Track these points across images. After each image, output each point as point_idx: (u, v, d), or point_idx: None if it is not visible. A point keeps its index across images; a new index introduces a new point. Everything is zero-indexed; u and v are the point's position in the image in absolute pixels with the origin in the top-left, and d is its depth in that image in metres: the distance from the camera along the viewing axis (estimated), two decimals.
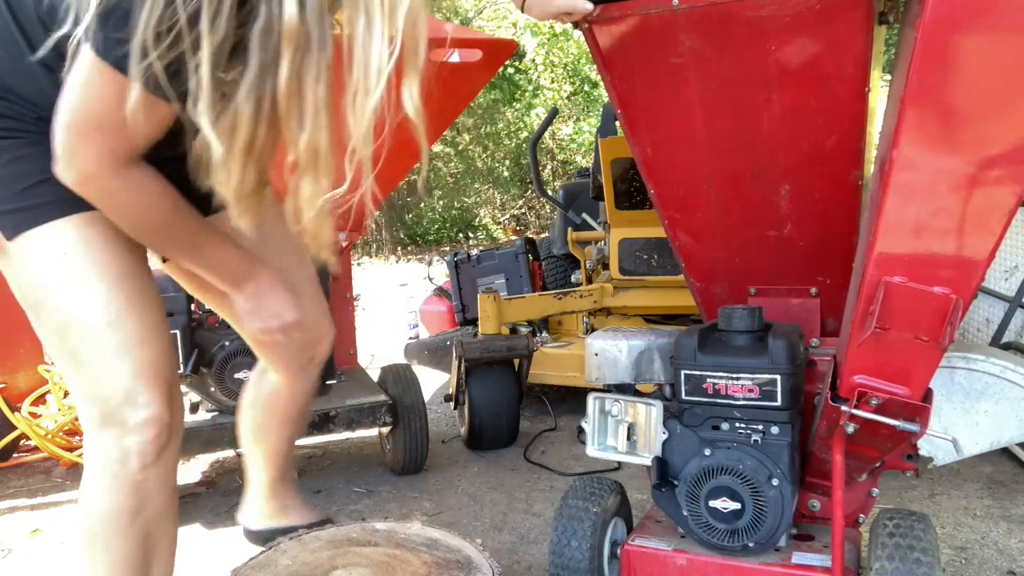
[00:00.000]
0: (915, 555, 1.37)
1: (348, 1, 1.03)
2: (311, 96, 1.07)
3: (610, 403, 1.68)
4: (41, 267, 1.26)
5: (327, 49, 1.05)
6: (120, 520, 1.31)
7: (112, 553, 1.32)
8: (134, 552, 1.33)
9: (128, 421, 1.27)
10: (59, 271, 1.26)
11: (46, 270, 1.26)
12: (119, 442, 1.28)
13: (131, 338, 1.28)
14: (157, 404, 1.29)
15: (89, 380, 1.28)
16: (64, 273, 1.26)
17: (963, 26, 1.10)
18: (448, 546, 1.82)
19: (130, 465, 1.28)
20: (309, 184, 1.12)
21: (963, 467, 2.71)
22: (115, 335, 1.26)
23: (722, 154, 1.63)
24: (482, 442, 3.18)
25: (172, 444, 1.34)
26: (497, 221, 14.69)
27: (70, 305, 1.26)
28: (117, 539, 1.32)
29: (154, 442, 1.29)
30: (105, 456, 1.29)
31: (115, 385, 1.26)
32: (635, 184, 3.68)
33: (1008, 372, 1.63)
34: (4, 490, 2.87)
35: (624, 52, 1.58)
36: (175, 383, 1.36)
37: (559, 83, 13.38)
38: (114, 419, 1.27)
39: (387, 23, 1.03)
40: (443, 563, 1.72)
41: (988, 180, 1.16)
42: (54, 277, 1.26)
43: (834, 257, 1.66)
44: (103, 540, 1.32)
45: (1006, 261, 2.96)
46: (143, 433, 1.28)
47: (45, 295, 1.27)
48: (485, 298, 3.37)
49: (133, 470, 1.29)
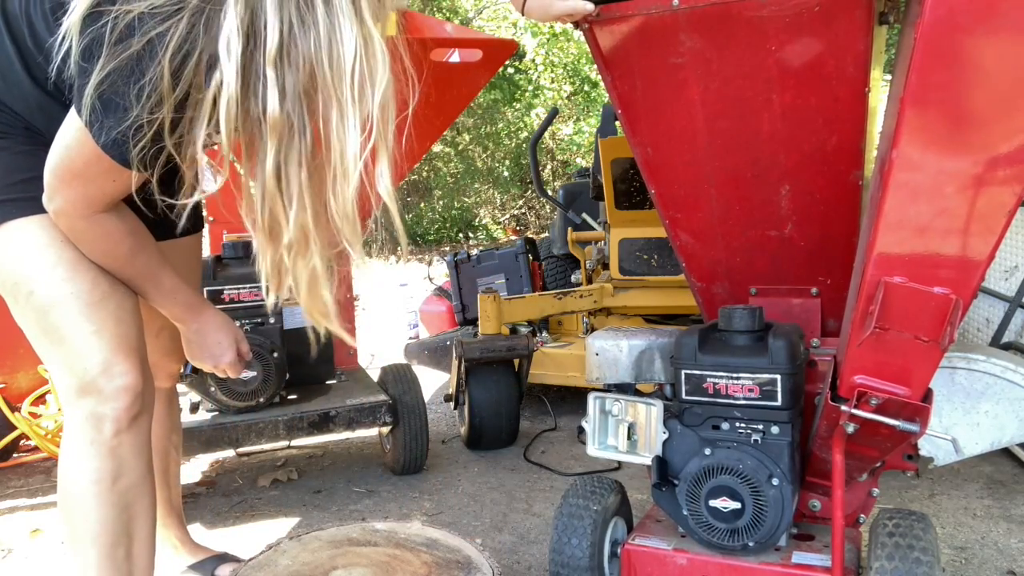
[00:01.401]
0: (915, 554, 1.38)
1: (321, 90, 1.10)
2: (295, 181, 1.14)
3: (610, 403, 1.68)
4: (28, 252, 1.35)
5: (307, 136, 1.13)
6: (99, 485, 1.38)
7: (92, 521, 1.38)
8: (115, 520, 1.40)
9: (105, 389, 1.36)
10: (49, 257, 1.35)
11: (34, 255, 1.35)
12: (95, 408, 1.36)
13: (111, 317, 1.39)
14: (133, 374, 1.39)
15: (70, 353, 1.37)
16: (55, 259, 1.35)
17: (963, 26, 1.10)
18: (448, 546, 1.82)
19: (105, 431, 1.37)
20: (303, 266, 1.20)
21: (963, 467, 2.71)
22: (97, 314, 1.37)
23: (722, 154, 1.63)
24: (482, 442, 3.18)
25: (145, 414, 1.43)
26: (497, 221, 14.69)
27: (57, 287, 1.35)
28: (97, 506, 1.38)
29: (128, 409, 1.39)
30: (83, 423, 1.37)
31: (94, 357, 1.36)
32: (635, 184, 3.68)
33: (1009, 372, 1.63)
34: (4, 490, 2.87)
35: (624, 52, 1.58)
36: (147, 360, 1.46)
37: (559, 83, 13.38)
38: (91, 388, 1.36)
39: (358, 110, 1.11)
40: (443, 563, 1.72)
41: (989, 180, 1.16)
42: (43, 262, 1.35)
43: (835, 257, 1.67)
44: (84, 508, 1.38)
45: (1006, 261, 2.96)
46: (119, 400, 1.37)
47: (29, 277, 1.36)
48: (485, 298, 3.37)
49: (108, 435, 1.37)
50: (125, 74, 1.13)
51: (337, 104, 1.10)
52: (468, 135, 14.55)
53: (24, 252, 1.36)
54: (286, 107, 1.09)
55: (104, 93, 1.14)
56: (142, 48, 1.12)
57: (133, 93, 1.13)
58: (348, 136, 1.11)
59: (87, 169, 1.23)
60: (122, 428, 1.38)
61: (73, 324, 1.36)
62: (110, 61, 1.13)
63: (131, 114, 1.14)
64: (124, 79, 1.13)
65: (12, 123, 1.36)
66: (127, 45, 1.12)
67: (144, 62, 1.12)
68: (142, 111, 1.14)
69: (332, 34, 1.08)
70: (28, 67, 1.32)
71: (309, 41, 1.08)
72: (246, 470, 3.02)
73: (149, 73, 1.12)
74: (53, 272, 1.35)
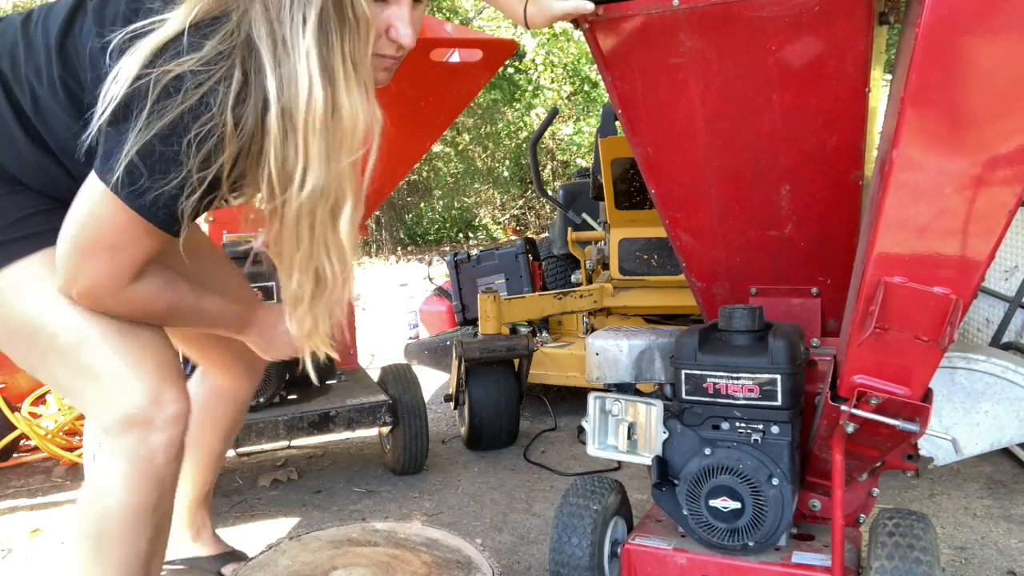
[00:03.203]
0: (915, 554, 1.38)
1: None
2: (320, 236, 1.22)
3: (611, 402, 1.68)
4: (40, 293, 1.26)
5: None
6: (141, 516, 1.32)
7: (125, 548, 1.33)
8: (148, 544, 1.35)
9: (156, 419, 1.29)
10: (57, 299, 1.26)
11: (48, 295, 1.26)
12: (147, 440, 1.28)
13: (147, 344, 1.32)
14: (182, 400, 1.33)
15: (109, 389, 1.28)
16: (64, 301, 1.26)
17: (963, 26, 1.10)
18: (448, 546, 1.82)
19: (157, 461, 1.30)
20: (339, 301, 1.29)
21: (963, 467, 2.71)
22: (132, 344, 1.30)
23: (723, 154, 1.63)
24: (482, 442, 3.18)
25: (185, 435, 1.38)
26: (497, 221, 14.69)
27: (83, 324, 1.27)
28: (134, 535, 1.32)
29: (181, 436, 1.33)
30: (132, 456, 1.29)
31: (140, 388, 1.28)
32: (635, 184, 3.67)
33: (1009, 372, 1.63)
34: (4, 490, 2.87)
35: (625, 52, 1.58)
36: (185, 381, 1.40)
37: (559, 83, 13.37)
38: (140, 420, 1.28)
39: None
40: (443, 563, 1.72)
41: (989, 180, 1.16)
42: (56, 300, 1.26)
43: (835, 257, 1.67)
44: (120, 537, 1.32)
45: (1006, 261, 2.96)
46: (172, 428, 1.31)
47: (46, 320, 1.27)
48: (485, 298, 3.37)
49: (160, 465, 1.30)
50: (176, 130, 1.10)
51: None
52: (468, 135, 14.55)
53: (36, 294, 1.27)
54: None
55: (146, 152, 1.10)
56: (197, 101, 1.10)
57: (184, 149, 1.10)
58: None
59: (119, 237, 1.17)
60: (171, 457, 1.32)
61: (108, 359, 1.28)
62: (155, 119, 1.09)
63: (182, 170, 1.11)
64: (174, 135, 1.10)
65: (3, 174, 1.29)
66: (175, 101, 1.09)
67: (200, 114, 1.10)
68: (195, 165, 1.11)
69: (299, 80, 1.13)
70: (26, 129, 1.26)
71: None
72: (246, 470, 3.02)
73: (207, 125, 1.10)
74: (74, 309, 1.27)
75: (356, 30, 1.15)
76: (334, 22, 1.13)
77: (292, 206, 1.18)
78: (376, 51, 1.23)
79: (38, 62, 1.23)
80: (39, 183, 1.30)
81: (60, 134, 1.25)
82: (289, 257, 1.24)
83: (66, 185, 1.26)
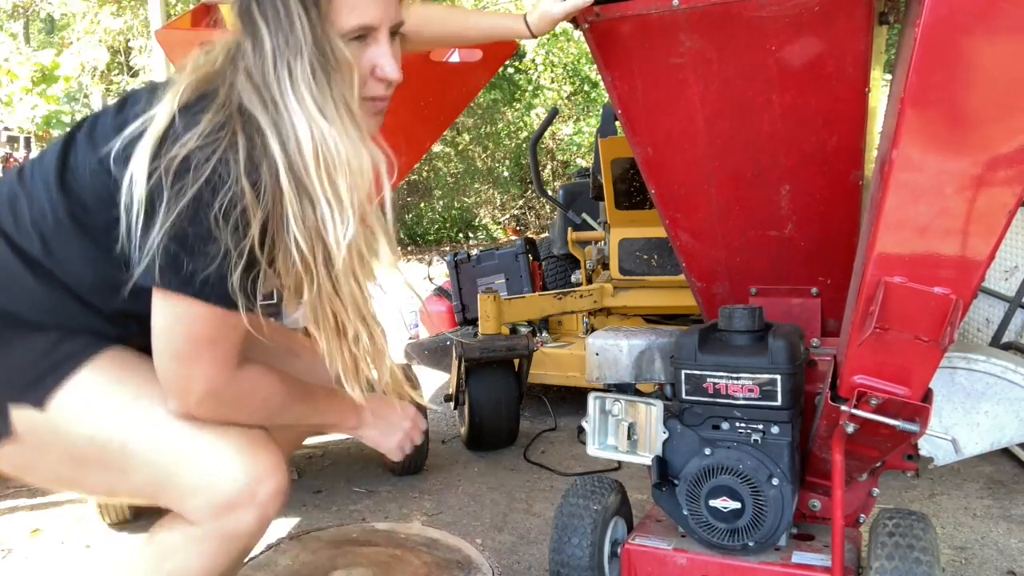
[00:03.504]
0: (915, 554, 1.38)
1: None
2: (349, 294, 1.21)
3: (611, 402, 1.68)
4: (94, 405, 1.22)
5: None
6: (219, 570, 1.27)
7: None
8: None
9: (259, 495, 1.23)
10: (122, 394, 1.23)
11: (103, 403, 1.22)
12: (246, 516, 1.23)
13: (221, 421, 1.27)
14: (282, 468, 1.27)
15: (200, 476, 1.22)
16: (131, 392, 1.23)
17: (963, 26, 1.10)
18: (448, 546, 1.83)
19: (256, 532, 1.26)
20: (377, 348, 1.27)
21: (963, 467, 2.71)
22: (210, 426, 1.23)
23: (722, 154, 1.63)
24: (482, 442, 3.18)
25: None
26: (497, 221, 14.68)
27: (152, 418, 1.22)
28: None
29: (282, 506, 1.27)
30: (230, 532, 1.23)
31: (237, 470, 1.22)
32: (635, 184, 3.67)
33: (1009, 372, 1.63)
34: (4, 490, 2.87)
35: (624, 52, 1.58)
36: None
37: (559, 83, 13.36)
38: (241, 500, 1.22)
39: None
40: (443, 563, 1.72)
41: (989, 180, 1.16)
42: (118, 403, 1.22)
43: (835, 257, 1.67)
44: None
45: (1006, 261, 2.96)
46: (275, 501, 1.25)
47: (112, 435, 1.21)
48: (485, 298, 3.37)
49: (255, 534, 1.26)
50: (200, 207, 1.09)
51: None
52: (468, 135, 14.54)
53: (93, 409, 1.20)
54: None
55: (180, 238, 1.09)
56: (211, 173, 1.08)
57: (213, 224, 1.09)
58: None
59: (204, 330, 1.15)
60: (262, 531, 1.26)
61: (191, 444, 1.21)
62: (177, 205, 1.08)
63: (220, 245, 1.09)
64: (200, 213, 1.09)
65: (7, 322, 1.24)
66: (190, 180, 1.08)
67: (218, 187, 1.09)
68: (228, 238, 1.10)
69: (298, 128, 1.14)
70: (38, 274, 1.22)
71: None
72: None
73: (227, 195, 1.09)
74: (136, 404, 1.21)
75: (342, 75, 1.17)
76: (320, 71, 1.15)
77: (335, 263, 1.17)
78: (365, 95, 1.23)
79: (42, 206, 1.22)
80: (57, 319, 1.26)
81: (76, 266, 1.23)
82: (336, 316, 1.22)
83: (83, 318, 1.25)
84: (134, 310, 1.20)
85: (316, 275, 1.18)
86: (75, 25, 11.41)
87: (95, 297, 1.24)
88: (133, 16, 11.26)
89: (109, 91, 11.24)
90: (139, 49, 11.38)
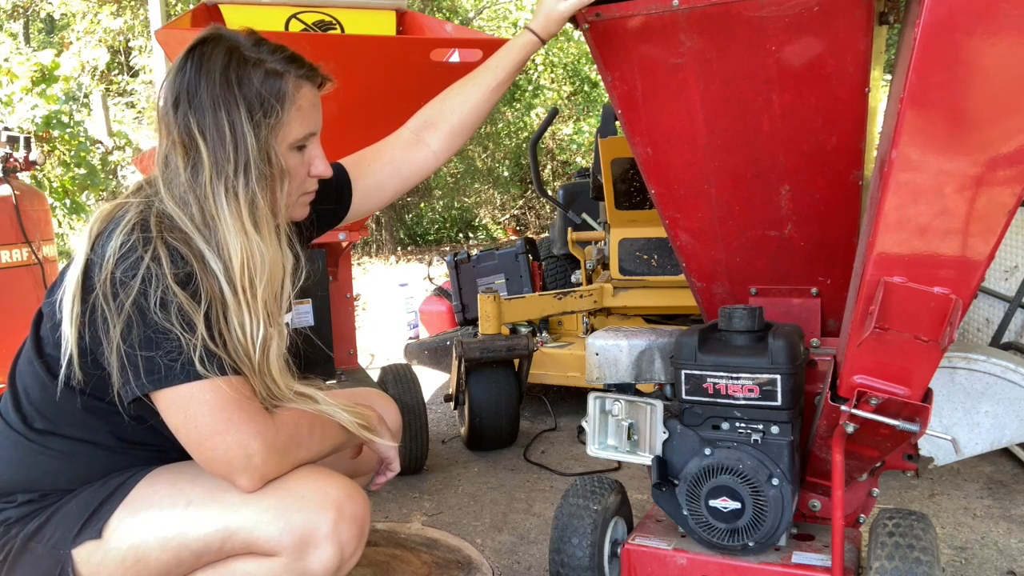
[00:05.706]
0: (915, 554, 1.38)
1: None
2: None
3: (611, 403, 1.68)
4: (152, 516, 1.24)
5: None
6: None
7: None
8: None
9: (342, 532, 1.25)
10: (176, 501, 1.25)
11: (158, 514, 1.24)
12: (328, 548, 1.24)
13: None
14: (361, 495, 1.29)
15: (270, 521, 1.22)
16: (184, 498, 1.25)
17: (963, 26, 1.10)
18: (448, 546, 1.83)
19: (339, 559, 1.27)
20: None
21: (963, 467, 2.71)
22: (272, 492, 1.25)
23: (722, 154, 1.63)
24: (482, 442, 3.18)
25: None
26: (497, 221, 14.68)
27: (202, 498, 1.24)
28: None
29: (364, 538, 1.31)
30: (318, 565, 1.24)
31: (311, 515, 1.23)
32: (635, 184, 3.67)
33: (1009, 372, 1.63)
34: None
35: (624, 52, 1.58)
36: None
37: (559, 83, 13.36)
38: (316, 538, 1.23)
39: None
40: (443, 563, 1.72)
41: (989, 180, 1.16)
42: (171, 506, 1.24)
43: (835, 257, 1.67)
44: None
45: (1006, 261, 2.96)
46: (354, 537, 1.28)
47: (178, 524, 1.23)
48: (485, 298, 3.37)
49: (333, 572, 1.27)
50: (143, 309, 1.15)
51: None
52: None
53: (152, 517, 1.23)
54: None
55: (143, 340, 1.15)
56: (141, 284, 1.15)
57: (162, 316, 1.16)
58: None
59: (222, 397, 1.18)
60: (347, 567, 1.29)
61: (261, 520, 1.21)
62: (124, 315, 1.15)
63: (175, 331, 1.16)
64: (147, 312, 1.15)
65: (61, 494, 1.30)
66: (127, 291, 1.16)
67: (149, 292, 1.15)
68: (178, 324, 1.16)
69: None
70: (48, 445, 1.29)
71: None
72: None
73: (163, 295, 1.16)
74: (183, 494, 1.25)
75: (280, 183, 1.29)
76: (261, 181, 1.25)
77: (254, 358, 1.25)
78: (303, 191, 1.38)
79: (33, 382, 1.30)
80: (93, 474, 1.31)
81: (72, 416, 1.29)
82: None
83: (116, 458, 1.31)
84: (152, 423, 1.25)
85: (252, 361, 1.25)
86: (75, 25, 11.39)
87: (114, 440, 1.31)
88: (133, 16, 11.25)
89: (109, 91, 11.24)
90: (139, 49, 11.38)
